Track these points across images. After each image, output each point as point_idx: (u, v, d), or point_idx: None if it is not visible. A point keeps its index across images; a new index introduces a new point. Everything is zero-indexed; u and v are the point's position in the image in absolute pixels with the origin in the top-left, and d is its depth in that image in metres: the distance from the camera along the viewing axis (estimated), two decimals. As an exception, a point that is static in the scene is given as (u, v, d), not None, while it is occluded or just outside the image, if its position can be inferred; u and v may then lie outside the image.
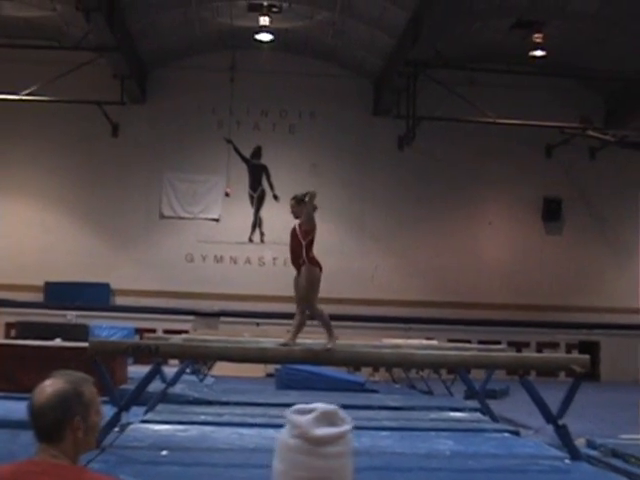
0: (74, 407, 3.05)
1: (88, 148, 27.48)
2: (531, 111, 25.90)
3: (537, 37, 24.42)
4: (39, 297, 26.75)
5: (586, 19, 23.57)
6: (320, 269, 9.95)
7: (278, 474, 2.44)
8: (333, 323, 10.01)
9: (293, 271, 10.09)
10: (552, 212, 28.72)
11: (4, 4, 23.95)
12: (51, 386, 3.04)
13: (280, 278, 27.53)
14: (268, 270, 27.58)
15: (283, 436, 2.46)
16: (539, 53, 25.12)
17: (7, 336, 24.61)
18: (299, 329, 10.23)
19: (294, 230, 10.02)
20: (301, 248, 9.83)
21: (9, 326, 25.08)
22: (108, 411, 9.35)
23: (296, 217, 10.14)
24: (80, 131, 27.32)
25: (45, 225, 27.32)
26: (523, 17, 23.83)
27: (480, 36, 25.09)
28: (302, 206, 10.00)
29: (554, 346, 27.05)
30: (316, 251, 29.03)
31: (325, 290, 28.12)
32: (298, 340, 10.25)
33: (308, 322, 10.42)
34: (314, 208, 10.08)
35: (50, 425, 3.02)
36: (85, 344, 10.22)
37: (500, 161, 28.15)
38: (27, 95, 24.04)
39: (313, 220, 9.90)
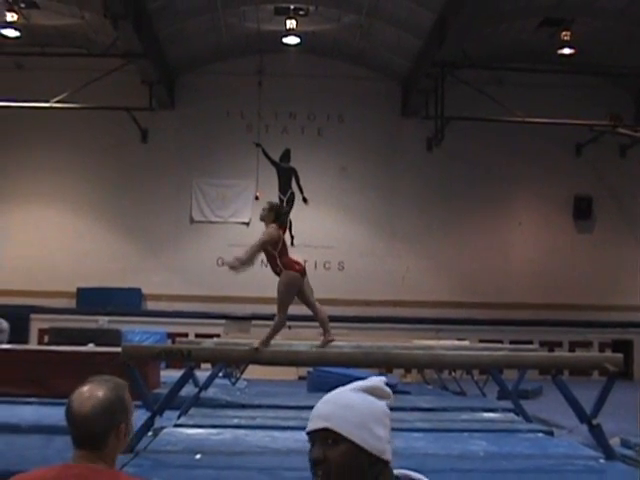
0: (118, 415, 3.07)
1: (118, 154, 27.64)
2: (560, 110, 25.78)
3: (565, 35, 24.32)
4: (71, 303, 26.92)
5: (614, 16, 23.44)
6: (301, 272, 10.00)
7: (384, 440, 2.48)
8: (364, 325, 10.04)
9: (324, 273, 10.19)
10: (583, 210, 28.58)
11: (33, 12, 24.15)
12: (94, 394, 3.03)
13: (311, 281, 27.59)
14: (299, 273, 27.53)
15: (380, 404, 2.50)
16: (567, 51, 25.02)
17: (40, 342, 24.76)
18: (325, 324, 10.32)
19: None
20: (274, 258, 9.94)
21: (42, 332, 25.23)
22: (141, 415, 9.40)
23: (261, 220, 10.27)
24: (110, 137, 27.48)
25: (77, 231, 27.50)
26: (550, 15, 23.73)
27: (507, 35, 25.01)
28: (270, 215, 10.09)
29: (587, 345, 26.90)
30: (348, 253, 29.03)
31: (355, 292, 28.32)
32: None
33: (337, 324, 10.45)
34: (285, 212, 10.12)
35: (96, 434, 3.02)
36: (118, 349, 10.27)
37: (529, 160, 28.05)
38: (57, 102, 24.19)
39: (265, 245, 9.94)
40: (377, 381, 2.54)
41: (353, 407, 2.43)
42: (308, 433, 2.50)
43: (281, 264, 9.87)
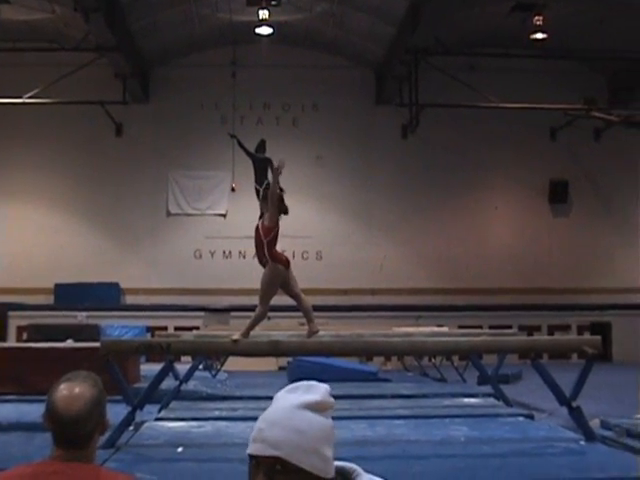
0: (102, 412, 3.05)
1: (93, 148, 27.53)
2: (534, 94, 25.86)
3: (537, 20, 24.33)
4: (49, 299, 26.82)
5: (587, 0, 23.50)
6: (286, 264, 9.97)
7: (331, 460, 2.40)
8: (342, 314, 10.06)
9: (303, 263, 10.19)
10: (559, 195, 28.71)
11: (3, 8, 23.95)
12: (79, 394, 2.99)
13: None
14: (277, 263, 27.57)
15: (327, 422, 2.40)
16: (540, 36, 25.05)
17: (19, 339, 24.67)
18: (309, 314, 10.31)
19: (257, 227, 10.07)
20: (263, 246, 9.88)
21: (21, 329, 25.13)
22: (122, 410, 9.38)
23: (263, 213, 10.23)
24: (84, 132, 27.36)
25: (53, 227, 27.38)
26: (522, 0, 23.76)
27: (480, 21, 25.00)
28: (267, 202, 10.08)
29: (565, 328, 27.06)
30: (325, 242, 29.12)
31: (333, 281, 28.37)
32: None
33: (316, 313, 10.44)
34: (279, 190, 10.09)
35: (85, 435, 3.00)
36: (97, 344, 10.25)
37: (505, 145, 28.14)
38: (30, 98, 24.07)
39: (275, 214, 9.91)
40: (323, 394, 2.43)
41: (304, 432, 2.26)
42: (251, 455, 2.41)
43: (268, 255, 9.83)
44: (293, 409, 2.31)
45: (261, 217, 10.22)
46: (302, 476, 2.30)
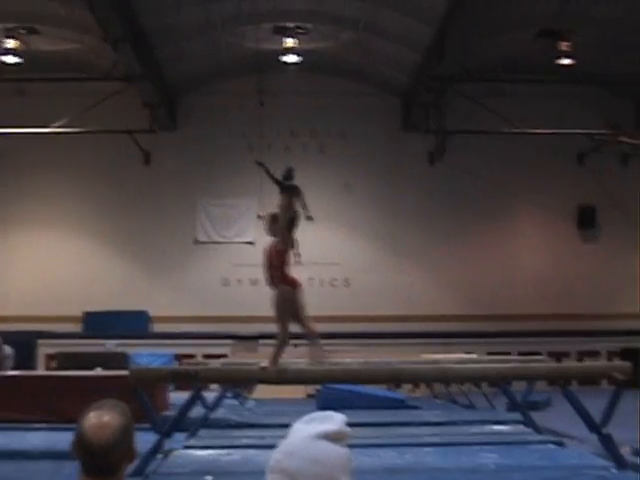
0: (131, 439, 3.06)
1: (121, 177, 27.70)
2: (561, 120, 25.82)
3: (563, 45, 24.30)
4: (78, 327, 26.92)
5: (612, 25, 23.44)
6: (296, 287, 9.93)
7: None
8: (370, 341, 10.02)
9: (331, 290, 10.15)
10: (587, 220, 28.58)
11: (33, 38, 24.22)
12: (109, 423, 3.00)
13: (317, 298, 27.50)
14: (305, 291, 27.50)
15: (344, 452, 2.40)
16: (566, 61, 25.00)
17: (48, 367, 24.76)
18: (281, 349, 10.26)
19: (268, 250, 10.06)
20: (274, 269, 9.85)
21: (50, 357, 25.24)
22: (150, 438, 9.39)
23: (272, 235, 10.20)
24: (112, 160, 27.54)
25: (82, 256, 27.53)
26: (548, 26, 23.75)
27: (505, 47, 24.99)
28: (276, 226, 10.06)
29: (595, 354, 26.83)
30: (353, 269, 29.15)
31: (361, 308, 28.32)
32: (338, 359, 10.23)
33: (344, 341, 10.43)
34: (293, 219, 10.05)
35: (114, 463, 3.01)
36: (125, 372, 10.28)
37: (532, 171, 28.07)
38: (59, 127, 24.25)
39: (286, 237, 9.89)
40: (339, 424, 2.42)
41: (321, 462, 2.28)
42: None
43: (280, 277, 9.83)
44: (310, 439, 2.32)
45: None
46: None
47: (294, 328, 10.34)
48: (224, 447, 11.23)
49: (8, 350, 20.42)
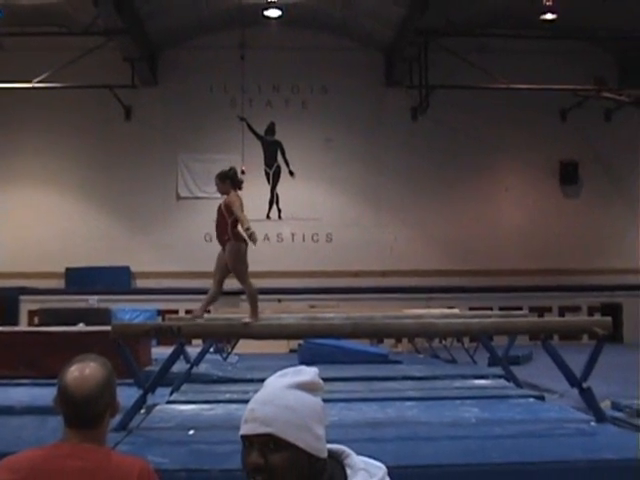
0: (113, 392, 3.08)
1: (102, 132, 27.56)
2: (544, 75, 25.78)
3: (547, 0, 24.23)
4: (60, 284, 26.91)
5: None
6: (246, 244, 9.92)
7: (323, 439, 2.40)
8: (353, 296, 10.03)
9: (313, 245, 10.14)
10: (569, 175, 28.66)
11: (12, -8, 24.00)
12: (90, 374, 3.02)
13: (299, 253, 27.66)
14: (287, 246, 27.69)
15: (317, 401, 2.42)
16: (550, 16, 24.94)
17: (30, 323, 24.76)
18: (211, 301, 10.34)
19: (219, 207, 10.04)
20: (226, 225, 9.84)
21: (32, 313, 25.21)
22: (133, 393, 9.41)
23: (222, 193, 10.15)
24: (93, 116, 27.38)
25: (63, 212, 27.45)
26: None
27: (489, 1, 24.90)
28: (226, 184, 10.01)
29: (576, 310, 27.00)
30: (335, 224, 29.05)
31: (344, 263, 28.34)
32: (319, 314, 10.25)
33: (326, 295, 10.46)
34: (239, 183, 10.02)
35: (96, 414, 3.02)
36: (108, 328, 10.26)
37: (515, 127, 28.07)
38: (39, 82, 24.06)
39: (236, 201, 9.85)
40: (312, 375, 2.45)
41: (294, 409, 2.32)
42: (243, 436, 2.43)
43: (231, 233, 9.82)
44: (283, 389, 2.35)
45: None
46: (295, 454, 2.32)
47: (282, 284, 10.33)
48: (207, 402, 11.26)
49: None
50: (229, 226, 9.85)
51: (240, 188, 10.23)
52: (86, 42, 24.16)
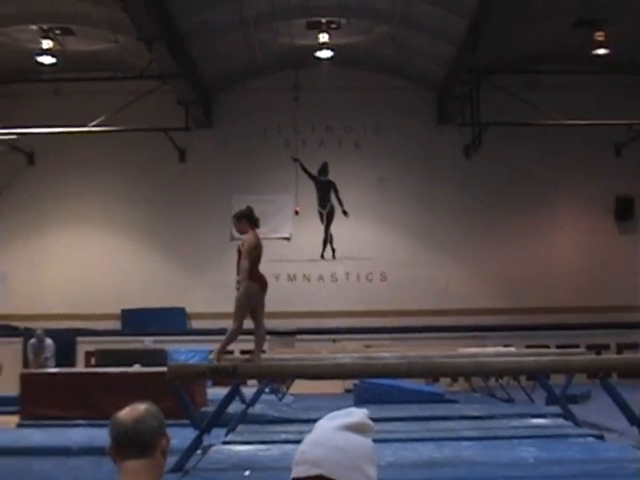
0: (162, 424, 3.10)
1: (157, 175, 27.85)
2: (597, 110, 25.60)
3: (599, 35, 24.10)
4: (117, 325, 27.11)
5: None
6: (263, 286, 9.89)
7: (372, 478, 2.40)
8: (408, 335, 9.96)
9: (367, 285, 10.13)
10: (624, 211, 28.35)
11: (68, 39, 24.44)
12: (136, 407, 3.08)
13: (354, 293, 27.62)
14: (341, 286, 27.67)
15: (368, 442, 2.42)
16: (602, 51, 24.82)
17: (87, 364, 24.93)
18: (260, 341, 10.29)
19: (238, 247, 10.06)
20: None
21: (89, 354, 25.39)
22: (189, 434, 9.44)
23: (240, 233, 10.17)
24: (148, 158, 27.69)
25: (119, 253, 27.72)
26: (583, 15, 23.57)
27: (540, 38, 24.84)
28: (243, 223, 10.02)
29: (634, 347, 26.60)
30: (389, 263, 28.99)
31: (398, 302, 28.23)
32: (375, 353, 10.21)
33: (381, 335, 10.41)
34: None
35: (148, 438, 3.04)
36: (164, 369, 10.32)
37: (569, 163, 27.88)
38: (95, 126, 24.40)
39: (252, 252, 9.85)
40: (361, 416, 2.45)
41: (344, 450, 2.28)
42: (295, 479, 2.43)
43: (247, 274, 9.82)
44: (333, 430, 2.35)
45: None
46: None
47: (337, 324, 10.32)
48: (263, 442, 11.26)
49: (49, 341, 20.96)
50: (245, 266, 9.87)
51: (257, 226, 10.26)
52: (141, 86, 24.47)
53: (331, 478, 2.30)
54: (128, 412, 3.06)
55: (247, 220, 10.14)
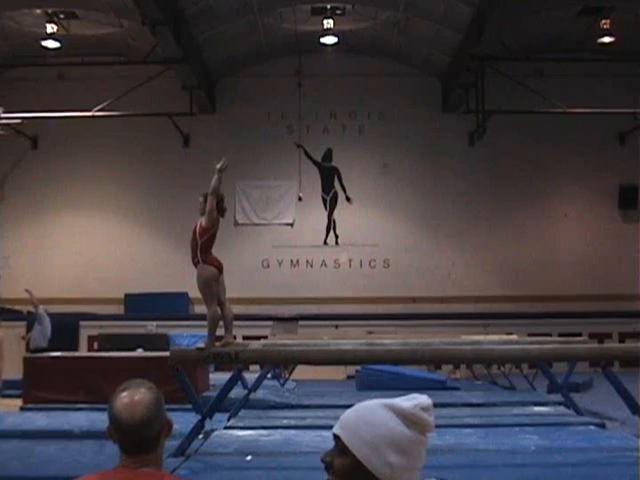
0: (164, 413, 3.09)
1: (160, 159, 27.85)
2: (601, 99, 25.57)
3: (604, 23, 24.06)
4: (120, 309, 27.14)
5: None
6: (218, 268, 9.82)
7: (396, 468, 2.36)
8: (411, 322, 9.95)
9: (370, 271, 10.09)
10: (628, 200, 28.34)
11: (72, 23, 24.39)
12: (140, 400, 3.04)
13: (356, 279, 27.64)
14: (344, 272, 27.68)
15: (406, 432, 2.35)
16: (607, 39, 24.77)
17: (90, 349, 24.97)
18: (229, 325, 10.21)
19: (194, 227, 10.00)
20: (196, 246, 9.78)
21: (92, 339, 25.43)
22: (191, 418, 9.45)
23: (202, 214, 10.09)
24: (152, 143, 27.69)
25: (122, 238, 27.74)
26: (589, 4, 23.51)
27: (546, 26, 24.80)
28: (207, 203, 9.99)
29: (637, 336, 26.58)
30: (393, 250, 28.92)
31: (402, 289, 28.18)
32: (377, 340, 10.19)
33: (384, 322, 10.39)
34: (222, 199, 9.94)
35: (152, 437, 3.03)
36: (166, 353, 10.32)
37: (572, 151, 27.85)
38: (99, 111, 24.39)
39: (212, 214, 9.78)
40: (414, 405, 2.39)
41: (373, 426, 2.27)
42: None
43: (200, 257, 9.75)
44: (379, 406, 2.33)
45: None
46: (356, 466, 2.28)
47: (340, 310, 10.30)
48: (264, 427, 11.26)
49: (46, 318, 20.53)
50: (199, 248, 9.82)
51: (222, 215, 10.19)
52: (145, 71, 24.47)
53: (345, 443, 2.29)
54: (130, 409, 3.02)
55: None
